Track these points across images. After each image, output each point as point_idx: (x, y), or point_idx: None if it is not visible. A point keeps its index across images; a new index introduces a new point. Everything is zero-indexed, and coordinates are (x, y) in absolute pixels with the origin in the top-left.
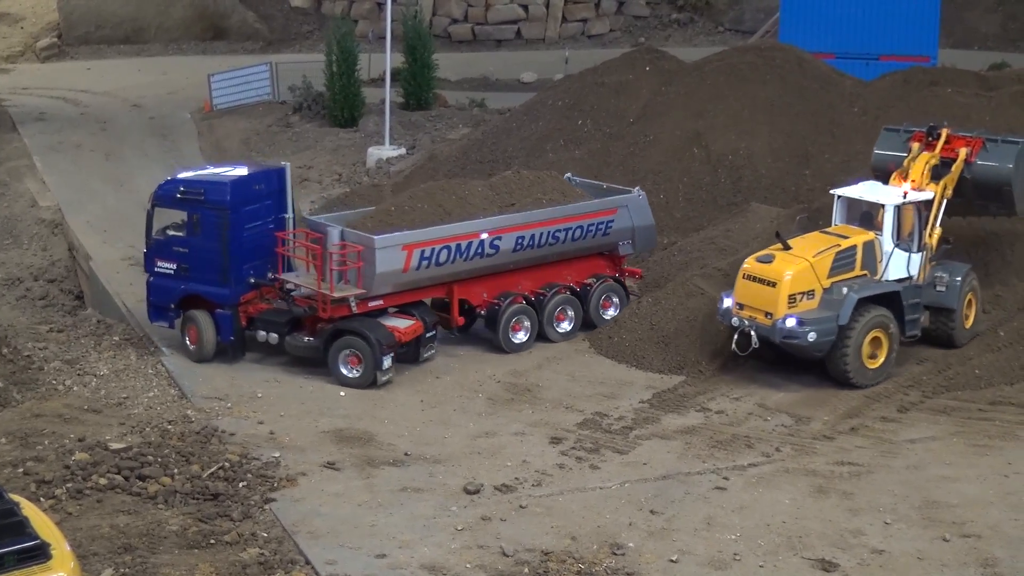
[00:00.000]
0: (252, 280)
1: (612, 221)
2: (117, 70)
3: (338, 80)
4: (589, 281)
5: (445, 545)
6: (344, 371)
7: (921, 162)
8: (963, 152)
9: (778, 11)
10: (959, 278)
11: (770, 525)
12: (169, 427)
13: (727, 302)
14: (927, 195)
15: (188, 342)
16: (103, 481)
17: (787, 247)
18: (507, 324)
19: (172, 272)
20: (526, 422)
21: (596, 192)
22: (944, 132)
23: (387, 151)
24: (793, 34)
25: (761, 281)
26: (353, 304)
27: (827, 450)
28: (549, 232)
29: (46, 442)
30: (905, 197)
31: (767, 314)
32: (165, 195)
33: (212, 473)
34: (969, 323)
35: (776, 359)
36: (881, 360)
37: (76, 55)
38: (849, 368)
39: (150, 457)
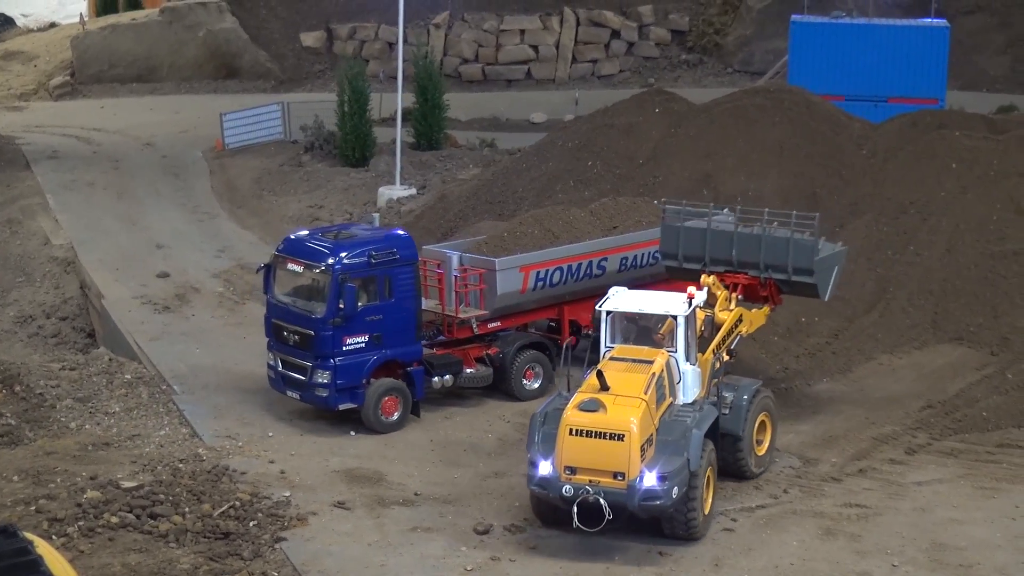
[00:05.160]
0: None
1: None
2: (130, 108)
3: (349, 120)
4: None
5: None
6: (526, 384)
7: (723, 298)
8: (765, 309)
9: (787, 53)
10: (746, 397)
11: (778, 567)
12: (180, 466)
13: (545, 467)
14: (701, 296)
15: (383, 416)
16: (115, 519)
17: (606, 387)
18: None
19: (363, 345)
20: None
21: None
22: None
23: (398, 191)
24: (802, 76)
25: (599, 435)
26: (474, 325)
27: (835, 492)
28: (650, 253)
29: (58, 480)
30: (691, 303)
31: (616, 475)
32: (356, 266)
33: (223, 512)
34: (763, 449)
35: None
36: (710, 501)
37: (89, 93)
38: (696, 518)
39: (161, 496)
